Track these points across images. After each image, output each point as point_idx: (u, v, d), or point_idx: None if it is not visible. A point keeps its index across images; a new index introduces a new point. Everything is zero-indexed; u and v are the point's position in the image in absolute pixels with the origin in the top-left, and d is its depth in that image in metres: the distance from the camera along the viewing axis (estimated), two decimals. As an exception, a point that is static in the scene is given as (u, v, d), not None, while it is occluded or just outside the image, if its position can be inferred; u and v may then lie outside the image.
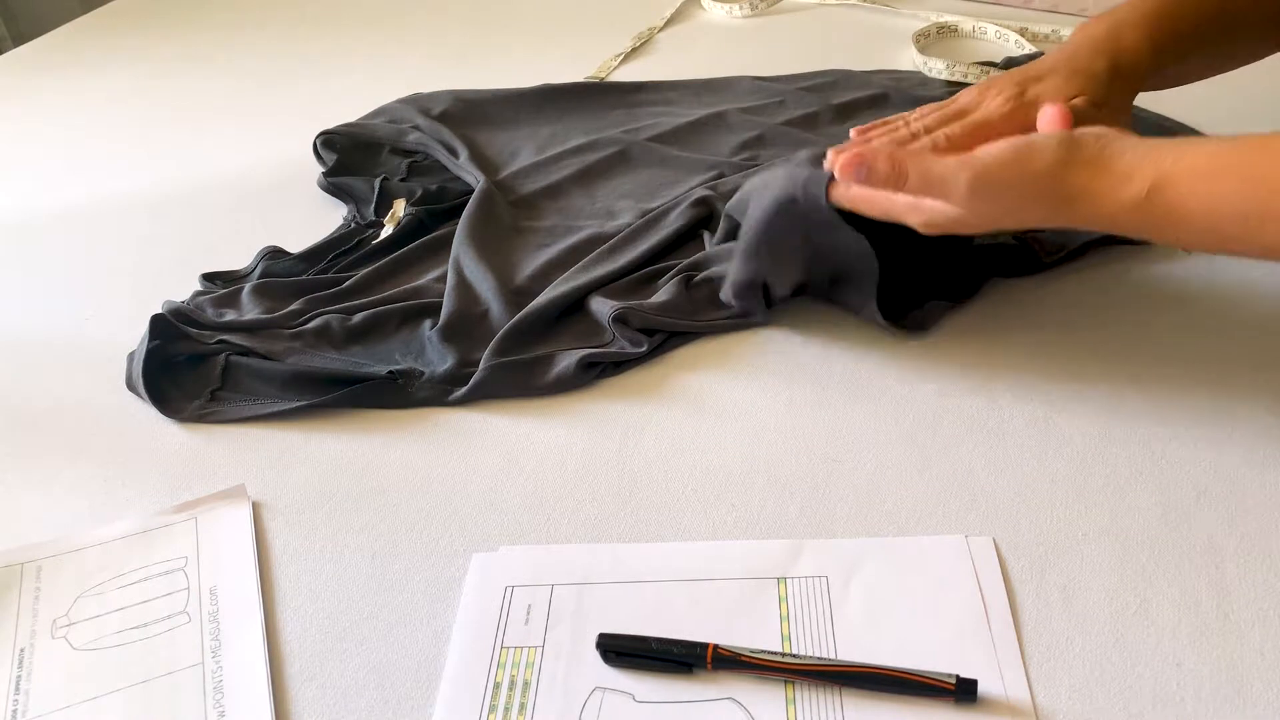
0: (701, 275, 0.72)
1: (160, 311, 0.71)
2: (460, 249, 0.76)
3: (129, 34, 1.25)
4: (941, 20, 1.09)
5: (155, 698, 0.50)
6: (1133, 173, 0.54)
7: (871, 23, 1.13)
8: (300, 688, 0.50)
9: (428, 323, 0.71)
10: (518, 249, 0.78)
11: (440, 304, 0.72)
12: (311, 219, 0.85)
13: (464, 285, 0.73)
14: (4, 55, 1.23)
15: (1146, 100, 0.75)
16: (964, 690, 0.46)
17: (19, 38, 1.84)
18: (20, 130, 1.05)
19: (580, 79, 1.05)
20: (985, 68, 0.96)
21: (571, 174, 0.86)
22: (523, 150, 0.90)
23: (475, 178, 0.84)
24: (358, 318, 0.71)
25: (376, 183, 0.85)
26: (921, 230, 0.60)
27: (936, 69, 0.97)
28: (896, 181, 0.58)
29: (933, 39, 1.08)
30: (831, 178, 0.61)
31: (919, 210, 0.59)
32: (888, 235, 0.63)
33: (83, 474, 0.63)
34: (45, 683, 0.51)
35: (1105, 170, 0.55)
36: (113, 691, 0.50)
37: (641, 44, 1.13)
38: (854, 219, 0.62)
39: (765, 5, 1.18)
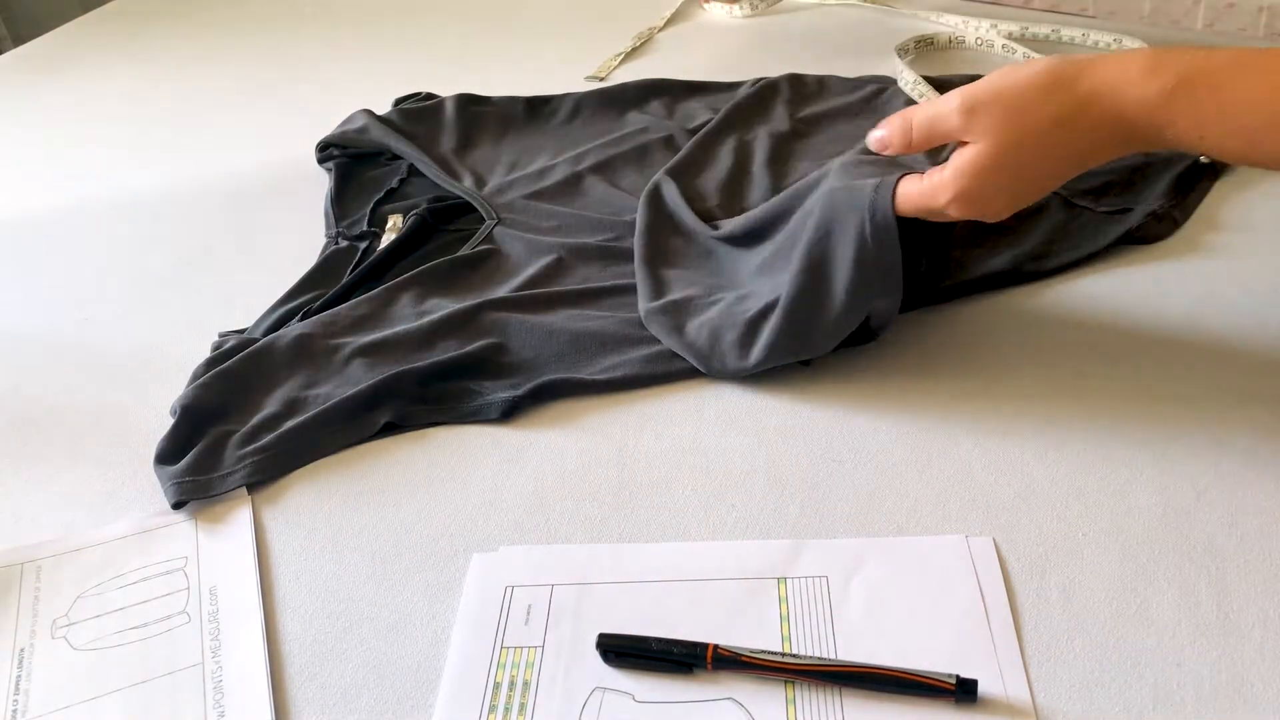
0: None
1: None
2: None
3: (129, 34, 1.25)
4: (922, 33, 1.06)
5: (155, 698, 0.50)
6: (1157, 67, 0.53)
7: (871, 23, 1.13)
8: (300, 688, 0.50)
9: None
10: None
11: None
12: (311, 219, 0.85)
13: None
14: (4, 55, 1.23)
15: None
16: (964, 690, 0.46)
17: (19, 38, 1.84)
18: (20, 130, 1.05)
19: (580, 79, 1.05)
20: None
21: (556, 183, 0.85)
22: (503, 161, 0.90)
23: (465, 193, 0.84)
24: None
25: (371, 204, 0.85)
26: (954, 211, 0.58)
27: (906, 81, 0.95)
28: (905, 133, 0.60)
29: (921, 51, 1.06)
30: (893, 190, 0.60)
31: (945, 186, 0.58)
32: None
33: (83, 474, 0.63)
34: (45, 683, 0.51)
35: (1124, 64, 0.54)
36: (112, 691, 0.50)
37: (641, 44, 1.13)
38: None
39: (765, 5, 1.18)
